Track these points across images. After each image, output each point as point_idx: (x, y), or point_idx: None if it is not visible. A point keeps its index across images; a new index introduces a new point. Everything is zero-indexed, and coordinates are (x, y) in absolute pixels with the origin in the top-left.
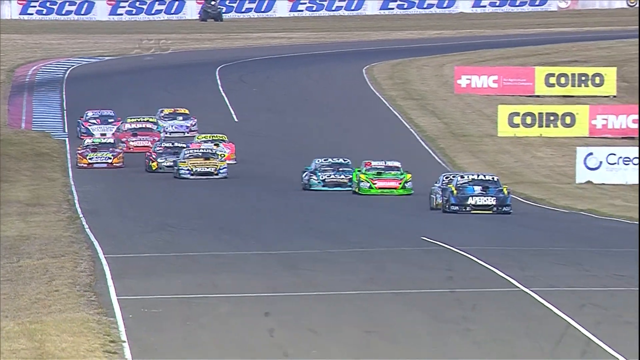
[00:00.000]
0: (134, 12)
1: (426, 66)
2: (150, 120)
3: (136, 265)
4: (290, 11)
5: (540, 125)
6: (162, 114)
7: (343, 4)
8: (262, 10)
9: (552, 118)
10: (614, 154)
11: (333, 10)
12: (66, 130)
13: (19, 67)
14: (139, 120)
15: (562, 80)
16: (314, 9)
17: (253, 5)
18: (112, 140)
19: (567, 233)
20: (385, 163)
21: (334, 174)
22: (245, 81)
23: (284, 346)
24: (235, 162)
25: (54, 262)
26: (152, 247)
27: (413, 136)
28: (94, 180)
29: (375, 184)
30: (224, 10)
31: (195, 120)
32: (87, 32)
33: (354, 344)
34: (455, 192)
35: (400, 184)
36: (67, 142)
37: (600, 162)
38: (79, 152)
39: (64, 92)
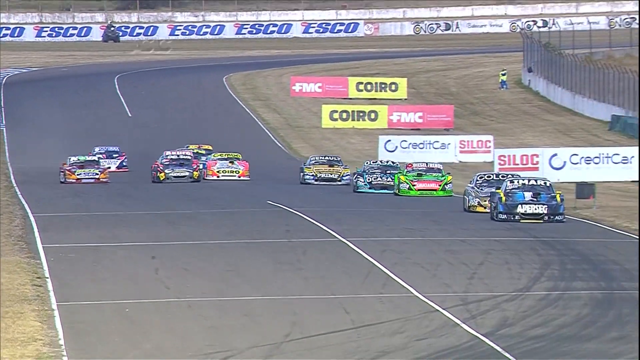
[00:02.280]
0: (53, 35)
1: (269, 76)
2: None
3: (56, 221)
4: (169, 35)
5: (353, 120)
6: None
7: (208, 30)
8: (149, 34)
9: (361, 114)
10: (406, 141)
11: (201, 35)
12: (3, 122)
13: None
14: (180, 149)
15: (368, 87)
16: (187, 33)
17: (142, 31)
18: (96, 158)
19: (372, 198)
20: (427, 165)
21: (380, 177)
22: (136, 86)
23: (166, 281)
24: (249, 178)
25: None
26: (68, 208)
27: (260, 127)
28: (30, 159)
29: (414, 185)
30: (120, 34)
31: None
32: (19, 49)
33: (217, 279)
34: (503, 199)
35: (440, 185)
36: (4, 131)
37: (396, 147)
38: (67, 168)
39: (1, 94)
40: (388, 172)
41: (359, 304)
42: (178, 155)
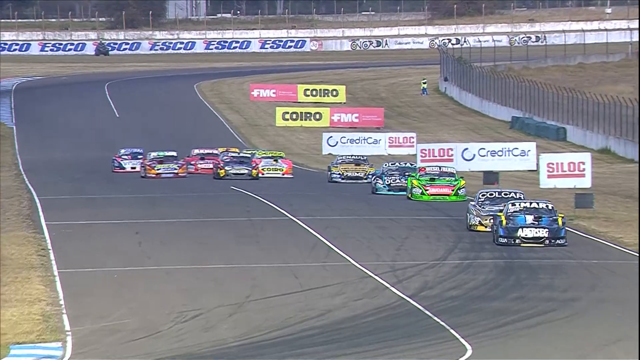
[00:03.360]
0: (54, 50)
1: (233, 83)
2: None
3: (57, 203)
4: (150, 50)
5: (301, 120)
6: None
7: (182, 45)
8: (132, 49)
9: (308, 115)
10: (345, 137)
11: (176, 50)
12: (13, 122)
13: None
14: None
15: (314, 92)
16: (164, 48)
17: (127, 46)
18: (175, 154)
19: (317, 183)
20: (440, 169)
21: (399, 179)
22: (123, 91)
23: (147, 252)
24: (292, 176)
25: (7, 201)
26: (66, 192)
27: (225, 126)
28: (36, 152)
29: (427, 190)
30: (110, 49)
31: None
32: (26, 61)
33: (190, 251)
34: (504, 222)
35: (453, 190)
36: (14, 129)
37: (337, 142)
38: (147, 163)
39: (12, 98)
40: (407, 174)
41: (306, 271)
42: (238, 153)
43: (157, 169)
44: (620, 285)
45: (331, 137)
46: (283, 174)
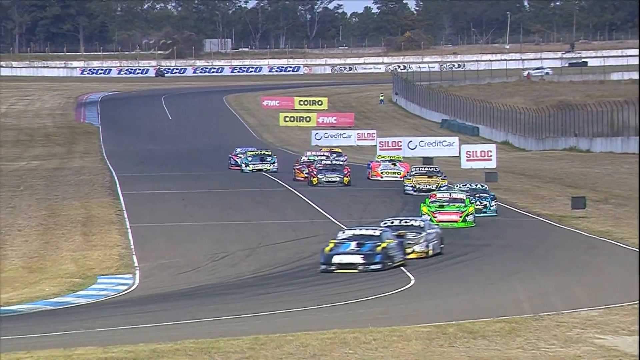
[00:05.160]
0: (127, 73)
1: (250, 96)
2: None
3: (129, 179)
4: (193, 73)
5: (297, 121)
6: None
7: (215, 70)
8: (181, 72)
9: (301, 118)
10: (327, 133)
11: (210, 73)
12: (99, 122)
13: (80, 95)
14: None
15: (305, 102)
16: (202, 72)
17: (177, 71)
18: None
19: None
20: (450, 195)
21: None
22: (174, 102)
23: (191, 213)
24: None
25: (95, 177)
26: (136, 171)
27: (244, 125)
28: (114, 144)
29: (435, 217)
30: (165, 72)
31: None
32: (107, 81)
33: (220, 211)
34: (327, 249)
35: (460, 217)
36: (100, 128)
37: (321, 137)
38: (297, 167)
39: (99, 106)
40: (477, 195)
41: (300, 225)
42: (331, 161)
43: (306, 173)
44: (516, 235)
45: (317, 133)
46: (401, 177)
